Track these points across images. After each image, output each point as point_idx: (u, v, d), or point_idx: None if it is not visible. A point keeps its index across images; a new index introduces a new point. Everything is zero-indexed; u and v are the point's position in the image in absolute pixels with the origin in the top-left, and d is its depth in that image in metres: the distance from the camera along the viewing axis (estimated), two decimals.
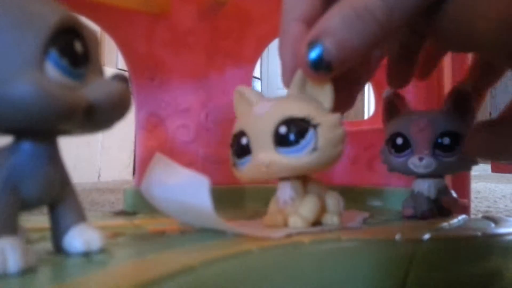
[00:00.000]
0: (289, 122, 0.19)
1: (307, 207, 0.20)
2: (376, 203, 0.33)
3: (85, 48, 0.13)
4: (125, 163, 1.34)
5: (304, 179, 0.21)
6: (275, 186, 0.21)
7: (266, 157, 0.19)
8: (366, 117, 2.21)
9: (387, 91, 0.27)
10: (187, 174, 0.17)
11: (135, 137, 0.32)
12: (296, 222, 0.19)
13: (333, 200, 0.21)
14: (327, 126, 0.19)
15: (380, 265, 0.16)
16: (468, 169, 0.26)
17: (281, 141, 0.19)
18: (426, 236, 0.18)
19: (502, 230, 0.21)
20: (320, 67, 0.17)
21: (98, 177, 1.25)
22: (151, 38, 0.30)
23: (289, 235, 0.18)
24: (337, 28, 0.16)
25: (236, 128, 0.21)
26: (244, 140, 0.20)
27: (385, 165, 0.27)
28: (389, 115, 0.27)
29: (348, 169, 0.37)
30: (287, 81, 0.21)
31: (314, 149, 0.19)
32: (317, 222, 0.20)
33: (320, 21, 0.17)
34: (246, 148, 0.20)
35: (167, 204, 0.19)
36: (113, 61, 1.28)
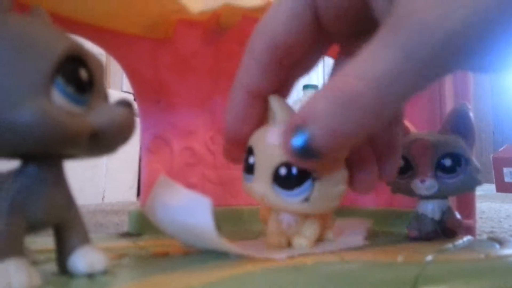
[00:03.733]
0: (291, 166, 0.18)
1: (310, 228, 0.20)
2: (380, 224, 0.33)
3: (90, 75, 0.14)
4: (130, 185, 1.34)
5: None
6: None
7: (261, 189, 0.19)
8: None
9: None
10: (190, 195, 0.17)
11: (140, 159, 0.33)
12: (302, 243, 0.20)
13: (330, 218, 0.21)
14: (327, 181, 0.18)
15: (384, 287, 0.16)
16: (472, 189, 0.26)
17: (277, 180, 0.18)
18: (430, 258, 0.18)
19: (507, 251, 0.20)
20: (307, 155, 0.16)
21: (103, 199, 1.25)
22: (156, 61, 0.31)
23: (291, 257, 0.18)
24: (323, 115, 0.15)
25: (252, 138, 0.20)
26: (251, 160, 0.20)
27: (388, 187, 0.27)
28: None
29: (351, 190, 0.37)
30: (226, 152, 0.21)
31: (306, 199, 0.18)
32: (317, 240, 0.21)
33: (304, 106, 0.16)
34: (252, 167, 0.20)
35: (171, 226, 0.19)
36: (118, 84, 1.29)
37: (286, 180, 0.18)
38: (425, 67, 0.15)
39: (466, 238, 0.24)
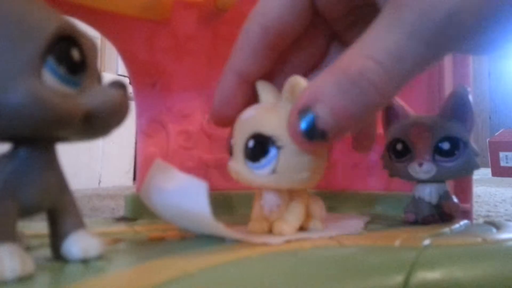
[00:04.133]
0: (256, 137, 0.18)
1: (293, 214, 0.20)
2: (377, 208, 0.33)
3: (82, 55, 0.13)
4: (126, 169, 1.34)
5: None
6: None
7: (236, 166, 0.19)
8: None
9: None
10: (185, 179, 0.17)
11: (136, 143, 0.32)
12: (282, 228, 0.19)
13: (317, 206, 0.21)
14: (292, 150, 0.18)
15: (381, 271, 0.16)
16: (470, 173, 0.26)
17: (247, 154, 0.19)
18: (427, 242, 0.18)
19: (503, 235, 0.20)
20: (314, 137, 0.16)
21: (99, 183, 1.25)
22: (152, 44, 0.31)
23: (288, 241, 0.18)
24: (330, 95, 0.16)
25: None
26: (232, 141, 0.20)
27: (385, 170, 0.27)
28: (388, 121, 0.27)
29: (349, 174, 0.37)
30: (216, 120, 0.21)
31: (273, 171, 0.18)
32: (301, 228, 0.20)
33: (309, 88, 0.16)
34: (232, 149, 0.20)
35: (166, 210, 0.19)
36: (113, 67, 1.28)
37: (252, 152, 0.18)
38: (429, 45, 0.15)
39: (463, 222, 0.24)
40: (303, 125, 0.16)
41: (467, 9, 0.14)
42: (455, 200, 0.25)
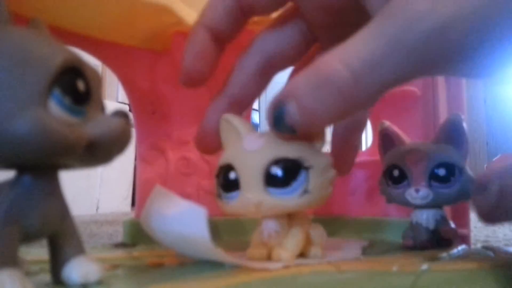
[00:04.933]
0: (282, 163, 0.18)
1: (292, 240, 0.20)
2: (375, 234, 0.33)
3: (87, 86, 0.14)
4: (124, 195, 1.33)
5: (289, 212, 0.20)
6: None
7: (255, 197, 0.18)
8: (364, 148, 2.21)
9: (382, 124, 0.28)
10: (185, 205, 0.17)
11: (135, 169, 0.33)
12: (281, 255, 0.19)
13: (317, 233, 0.21)
14: (318, 168, 0.19)
15: None
16: (467, 199, 0.26)
17: (272, 181, 0.18)
18: (425, 267, 0.18)
19: (501, 261, 0.21)
20: (283, 129, 0.17)
21: (97, 209, 1.24)
22: (153, 73, 0.31)
23: (287, 266, 0.18)
24: (301, 93, 0.16)
25: (223, 159, 0.20)
26: (232, 175, 0.19)
27: (383, 196, 0.27)
28: (385, 148, 0.27)
29: (347, 200, 0.37)
30: (199, 142, 0.22)
31: (305, 191, 0.18)
32: (301, 254, 0.20)
33: (288, 84, 0.17)
34: (234, 183, 0.19)
35: (166, 236, 0.19)
36: (114, 95, 1.30)
37: (280, 178, 0.18)
38: (408, 57, 0.15)
39: (461, 247, 0.24)
40: (274, 115, 0.17)
41: (456, 25, 0.14)
42: (452, 225, 0.25)
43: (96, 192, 1.24)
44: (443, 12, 0.14)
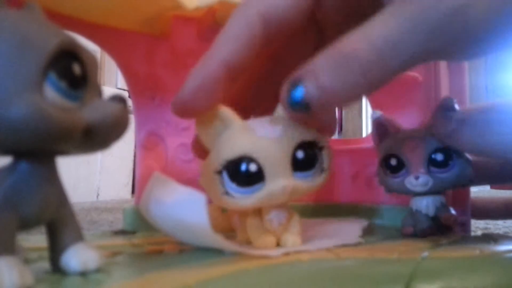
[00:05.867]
0: (305, 146, 0.19)
1: (296, 224, 0.20)
2: (376, 220, 0.33)
3: (83, 70, 0.13)
4: (124, 182, 1.34)
5: None
6: None
7: (290, 184, 0.18)
8: (364, 135, 2.22)
9: (374, 113, 0.27)
10: (184, 192, 0.17)
11: (135, 156, 0.32)
12: (295, 241, 0.20)
13: (296, 220, 0.21)
14: (327, 147, 0.20)
15: (379, 284, 0.16)
16: (466, 184, 0.26)
17: (298, 165, 0.19)
18: (425, 254, 0.18)
19: (501, 247, 0.21)
20: (297, 107, 0.17)
21: (97, 196, 1.24)
22: (152, 58, 0.31)
23: (287, 253, 0.18)
24: (320, 71, 0.16)
25: (229, 152, 0.18)
26: (253, 167, 0.18)
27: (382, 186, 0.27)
28: (380, 137, 0.27)
29: (348, 187, 0.37)
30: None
31: (322, 170, 0.19)
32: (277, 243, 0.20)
33: (308, 62, 0.16)
34: (256, 175, 0.18)
35: (165, 223, 0.19)
36: (112, 81, 1.29)
37: (306, 160, 0.19)
38: (429, 38, 0.15)
39: (461, 235, 0.25)
40: (290, 94, 0.16)
41: (475, 3, 0.14)
42: (453, 211, 0.25)
43: (96, 179, 1.25)
44: None
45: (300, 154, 0.19)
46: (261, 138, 0.18)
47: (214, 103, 0.18)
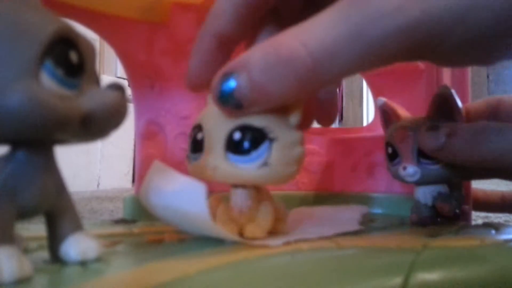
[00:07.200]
0: (245, 129, 0.17)
1: (264, 216, 0.19)
2: (377, 209, 0.33)
3: (80, 58, 0.13)
4: (124, 171, 1.34)
5: (257, 186, 0.20)
6: None
7: (213, 161, 0.18)
8: (365, 124, 2.22)
9: (379, 100, 0.27)
10: (184, 181, 0.17)
11: (135, 145, 0.32)
12: (254, 231, 0.18)
13: (282, 208, 0.20)
14: (284, 142, 0.18)
15: (379, 273, 0.16)
16: (456, 177, 0.25)
17: (232, 147, 0.18)
18: (426, 243, 0.18)
19: (502, 237, 0.20)
20: (227, 103, 0.16)
21: (98, 185, 1.25)
22: (151, 46, 0.31)
23: (287, 243, 0.18)
24: (254, 67, 0.15)
25: (197, 118, 0.20)
26: (199, 136, 0.19)
27: (385, 172, 0.27)
28: (386, 124, 0.27)
29: (348, 176, 0.37)
30: (191, 84, 0.20)
31: (265, 164, 0.17)
32: (272, 230, 0.20)
33: (243, 55, 0.16)
34: (200, 144, 0.19)
35: (165, 212, 0.19)
36: (112, 69, 1.28)
37: (241, 144, 0.17)
38: (370, 51, 0.14)
39: (462, 224, 0.24)
40: (221, 88, 0.16)
41: (422, 26, 0.14)
42: (453, 201, 0.25)
43: (96, 168, 1.25)
44: (410, 12, 0.14)
45: (237, 135, 0.17)
46: (213, 112, 0.18)
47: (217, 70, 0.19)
